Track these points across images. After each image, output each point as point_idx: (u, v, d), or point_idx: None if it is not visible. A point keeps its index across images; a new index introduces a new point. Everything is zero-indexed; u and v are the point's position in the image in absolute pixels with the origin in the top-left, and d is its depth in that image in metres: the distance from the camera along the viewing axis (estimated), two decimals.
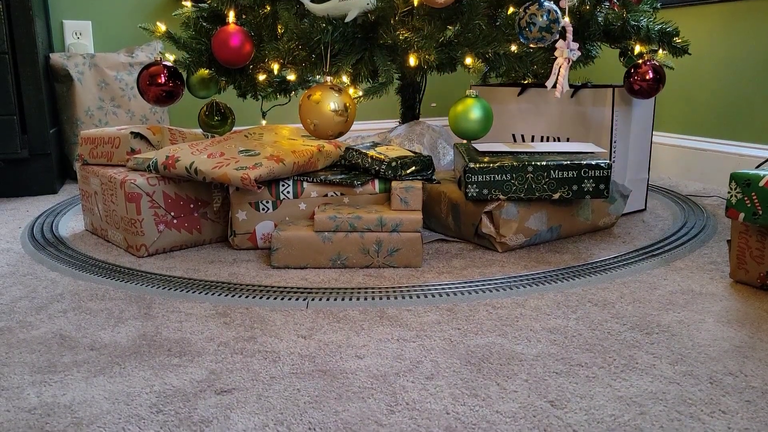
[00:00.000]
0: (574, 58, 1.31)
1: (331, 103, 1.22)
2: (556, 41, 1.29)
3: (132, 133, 1.44)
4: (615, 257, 1.24)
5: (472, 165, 1.25)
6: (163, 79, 1.45)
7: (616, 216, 1.42)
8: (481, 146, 1.40)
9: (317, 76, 1.63)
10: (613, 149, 1.50)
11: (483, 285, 1.11)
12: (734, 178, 1.05)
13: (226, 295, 1.08)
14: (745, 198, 1.04)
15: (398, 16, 1.32)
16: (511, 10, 1.36)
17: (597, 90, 1.51)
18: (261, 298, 1.06)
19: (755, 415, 0.72)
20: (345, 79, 1.36)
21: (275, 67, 1.46)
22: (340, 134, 1.26)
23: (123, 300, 1.07)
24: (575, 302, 1.04)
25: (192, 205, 1.33)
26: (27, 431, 0.71)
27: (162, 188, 1.29)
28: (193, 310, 1.03)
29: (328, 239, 1.19)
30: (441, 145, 1.73)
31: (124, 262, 1.26)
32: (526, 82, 1.71)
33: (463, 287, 1.10)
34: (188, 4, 1.56)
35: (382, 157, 1.29)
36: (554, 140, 1.61)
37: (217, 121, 1.66)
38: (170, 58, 1.50)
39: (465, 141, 1.47)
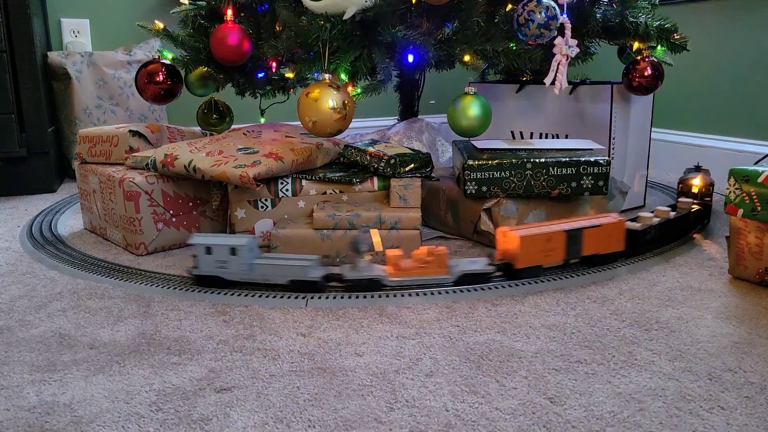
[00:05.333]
0: (573, 55, 1.31)
1: (330, 100, 1.22)
2: (554, 38, 1.29)
3: (130, 131, 1.43)
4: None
5: (470, 162, 1.25)
6: (161, 78, 1.45)
7: (615, 213, 1.42)
8: (479, 143, 1.40)
9: (316, 74, 1.63)
10: (611, 146, 1.50)
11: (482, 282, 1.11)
12: (733, 174, 1.06)
13: (225, 293, 1.07)
14: (744, 194, 1.04)
15: (396, 13, 1.31)
16: (509, 7, 1.36)
17: (595, 87, 1.51)
18: (260, 296, 1.06)
19: (754, 411, 0.72)
20: (343, 76, 1.35)
21: (273, 64, 1.46)
22: (339, 132, 1.26)
23: (122, 298, 1.07)
24: (574, 299, 1.04)
25: (191, 204, 1.33)
26: (26, 430, 0.71)
27: (161, 186, 1.29)
28: (192, 308, 1.03)
29: (327, 237, 1.19)
30: (440, 143, 1.73)
31: (123, 260, 1.26)
32: (524, 79, 1.71)
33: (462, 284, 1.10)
34: (186, 1, 1.56)
35: (381, 154, 1.28)
36: (553, 137, 1.61)
37: (215, 119, 1.66)
38: (168, 56, 1.50)
39: (464, 138, 1.47)
